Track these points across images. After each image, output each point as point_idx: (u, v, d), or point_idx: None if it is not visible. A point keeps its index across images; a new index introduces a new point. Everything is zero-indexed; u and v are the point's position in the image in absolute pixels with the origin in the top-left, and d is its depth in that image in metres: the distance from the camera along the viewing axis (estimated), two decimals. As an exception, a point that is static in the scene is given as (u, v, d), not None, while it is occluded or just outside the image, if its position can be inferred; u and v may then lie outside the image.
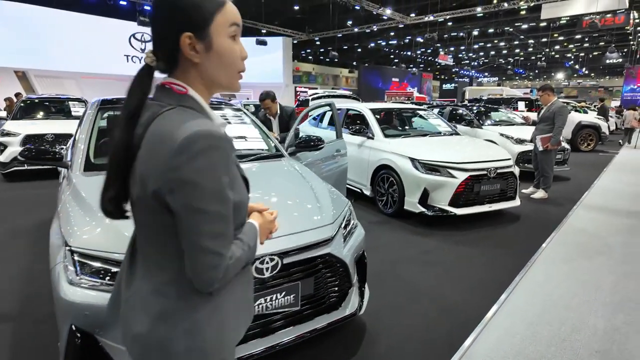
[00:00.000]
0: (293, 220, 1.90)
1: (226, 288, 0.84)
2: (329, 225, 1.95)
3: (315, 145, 3.14)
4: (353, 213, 2.34)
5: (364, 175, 4.97)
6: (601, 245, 3.72)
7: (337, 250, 1.93)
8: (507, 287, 2.81)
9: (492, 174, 4.17)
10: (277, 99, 3.93)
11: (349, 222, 2.22)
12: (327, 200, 2.15)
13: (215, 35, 0.80)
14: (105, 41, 18.42)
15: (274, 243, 1.72)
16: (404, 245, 3.71)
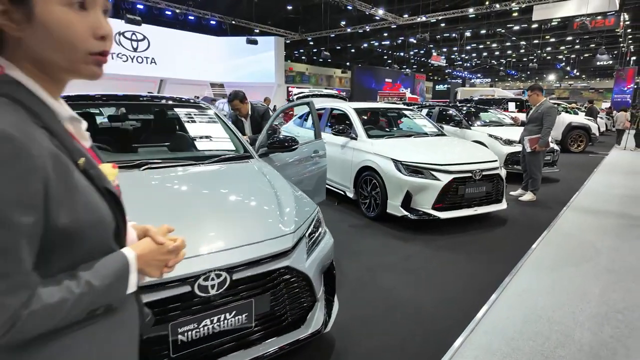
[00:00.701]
0: (246, 230, 1.72)
1: (57, 346, 0.62)
2: (289, 234, 1.76)
3: (289, 146, 2.96)
4: (322, 219, 2.16)
5: (347, 177, 4.80)
6: (588, 251, 3.59)
7: (298, 262, 1.74)
8: (489, 298, 2.65)
9: (477, 176, 4.02)
10: (247, 99, 3.73)
11: (316, 229, 2.04)
12: (291, 207, 1.97)
13: (40, 1, 0.60)
14: None
15: (221, 257, 1.54)
16: (384, 250, 3.54)
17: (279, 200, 1.99)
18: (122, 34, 19.46)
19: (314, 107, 3.68)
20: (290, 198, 2.06)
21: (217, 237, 1.63)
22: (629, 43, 28.00)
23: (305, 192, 3.57)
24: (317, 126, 3.68)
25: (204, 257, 1.51)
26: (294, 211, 1.94)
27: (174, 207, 1.78)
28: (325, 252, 1.99)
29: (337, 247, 3.62)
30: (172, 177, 2.11)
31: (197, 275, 1.46)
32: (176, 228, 1.63)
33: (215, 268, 1.49)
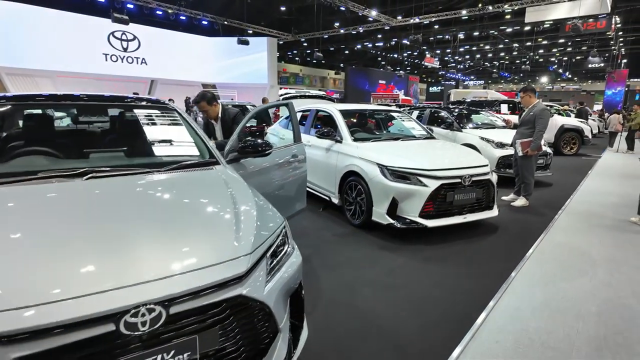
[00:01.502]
0: (190, 253, 1.47)
1: None
2: (243, 257, 1.52)
3: (262, 151, 2.71)
4: (289, 235, 1.92)
5: (332, 182, 4.57)
6: (584, 262, 3.38)
7: (254, 289, 1.50)
8: (476, 320, 2.42)
9: (466, 182, 3.81)
10: (217, 100, 3.47)
11: (281, 248, 1.80)
12: (251, 222, 1.72)
13: None
14: (82, 39, 17.81)
15: (155, 287, 1.29)
16: (367, 262, 3.31)
17: (238, 214, 1.74)
18: (112, 34, 19.14)
19: (293, 109, 3.45)
20: (252, 211, 1.82)
21: (152, 262, 1.38)
22: (620, 46, 28.18)
23: (285, 200, 3.35)
24: (296, 129, 3.44)
25: (133, 288, 1.26)
26: (253, 227, 1.69)
27: (106, 225, 1.52)
28: (291, 273, 1.75)
29: (316, 258, 3.44)
30: (117, 187, 1.86)
31: (122, 311, 1.21)
32: (103, 251, 1.40)
33: (147, 301, 1.24)
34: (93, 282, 1.25)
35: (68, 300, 1.18)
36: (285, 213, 3.29)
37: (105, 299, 1.21)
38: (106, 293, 1.22)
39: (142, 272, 1.32)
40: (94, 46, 18.42)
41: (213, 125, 3.50)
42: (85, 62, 17.96)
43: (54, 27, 16.90)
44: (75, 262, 1.32)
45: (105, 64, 18.90)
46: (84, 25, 17.76)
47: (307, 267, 3.20)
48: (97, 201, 1.73)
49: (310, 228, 4.20)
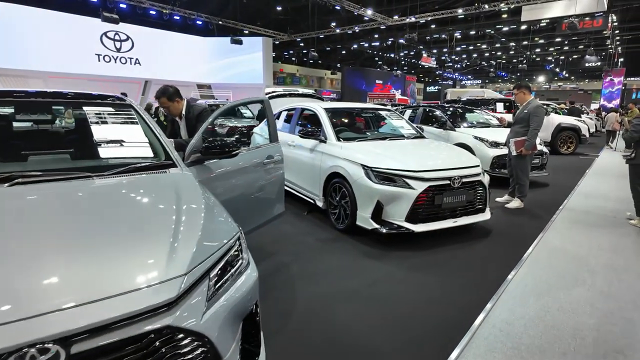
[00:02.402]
0: (105, 276, 1.22)
1: None
2: (174, 279, 1.27)
3: (229, 152, 2.47)
4: (244, 249, 1.68)
5: (316, 184, 4.33)
6: (581, 270, 3.15)
7: (188, 317, 1.25)
8: (463, 336, 2.19)
9: (456, 184, 3.57)
10: (181, 96, 3.22)
11: (232, 264, 1.56)
12: (192, 236, 1.48)
13: None
14: (75, 39, 17.59)
15: (52, 321, 1.05)
16: (348, 271, 3.07)
17: (178, 227, 1.50)
18: (104, 34, 18.90)
19: (269, 106, 3.21)
20: (197, 223, 1.58)
21: (54, 289, 1.14)
22: (617, 44, 28.06)
23: (260, 204, 3.11)
24: (272, 128, 3.20)
25: (22, 323, 1.02)
26: (195, 242, 1.45)
27: (9, 242, 1.28)
28: (244, 293, 1.51)
29: (295, 267, 3.12)
30: (42, 196, 1.62)
31: (6, 352, 0.97)
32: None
33: (39, 339, 1.00)
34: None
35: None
36: (260, 219, 3.07)
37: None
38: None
39: (39, 302, 1.08)
40: (86, 46, 18.20)
41: (178, 123, 3.25)
42: (78, 62, 17.74)
43: (45, 28, 16.70)
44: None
45: (98, 65, 18.69)
46: (76, 25, 17.56)
47: (283, 276, 2.96)
48: (12, 212, 1.49)
49: (292, 233, 3.96)
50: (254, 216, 2.95)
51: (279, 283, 2.83)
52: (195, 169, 2.44)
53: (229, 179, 2.67)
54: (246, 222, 2.86)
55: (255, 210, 2.95)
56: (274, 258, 3.30)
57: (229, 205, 2.65)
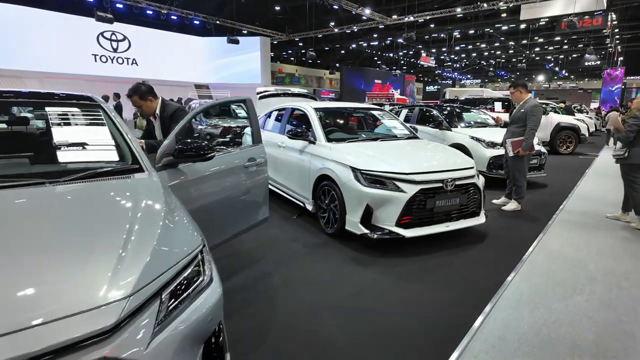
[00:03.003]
0: (29, 300, 1.07)
1: None
2: (114, 302, 1.12)
3: (204, 155, 2.32)
4: (206, 263, 1.52)
5: (306, 187, 4.18)
6: (580, 277, 3.00)
7: (131, 346, 1.10)
8: (451, 355, 2.03)
9: (449, 187, 3.42)
10: (155, 94, 3.05)
11: (192, 280, 1.40)
12: (144, 250, 1.33)
13: None
14: (71, 40, 17.50)
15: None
16: (334, 279, 2.91)
17: (129, 240, 1.35)
18: (101, 34, 18.79)
19: (251, 106, 3.06)
20: (152, 235, 1.42)
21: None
22: (617, 43, 27.90)
23: (241, 210, 2.94)
24: (255, 129, 3.05)
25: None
26: (145, 257, 1.29)
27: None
28: (204, 313, 1.36)
29: (279, 275, 2.92)
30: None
31: None
32: None
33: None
34: None
35: None
36: (242, 225, 2.91)
37: None
38: None
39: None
40: (82, 47, 18.12)
41: (153, 124, 3.09)
42: (74, 63, 17.66)
43: (41, 28, 16.63)
44: None
45: (95, 65, 18.62)
46: (72, 25, 17.48)
47: (265, 285, 2.81)
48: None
49: (280, 238, 3.81)
50: (234, 222, 2.80)
51: (259, 294, 2.68)
52: (167, 173, 2.30)
53: (205, 183, 2.52)
54: (226, 229, 2.72)
55: (236, 216, 2.80)
56: (258, 266, 3.15)
57: (206, 212, 2.53)
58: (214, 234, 2.63)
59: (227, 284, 2.78)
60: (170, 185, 2.26)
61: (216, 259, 3.24)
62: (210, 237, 2.62)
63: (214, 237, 2.64)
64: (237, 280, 2.85)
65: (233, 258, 3.30)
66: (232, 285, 2.78)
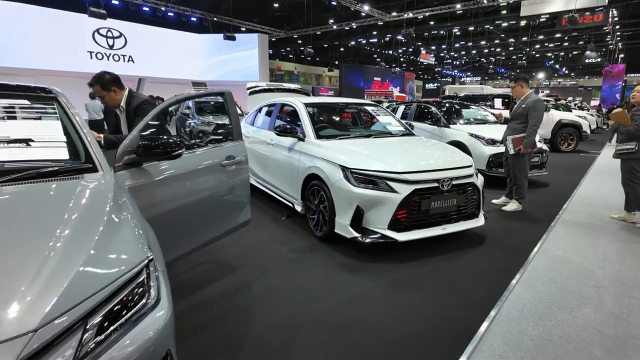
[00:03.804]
0: None
1: None
2: (13, 340, 0.88)
3: (170, 152, 2.08)
4: (153, 279, 1.28)
5: (295, 187, 3.94)
6: (586, 285, 2.77)
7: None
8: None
9: (445, 187, 3.18)
10: (121, 85, 2.79)
11: (132, 302, 1.17)
12: (66, 268, 1.09)
13: None
14: (66, 36, 17.24)
15: None
16: (321, 289, 2.68)
17: (51, 256, 1.11)
18: (97, 31, 18.51)
19: (230, 100, 2.82)
20: (82, 249, 1.18)
21: None
22: (617, 40, 27.64)
23: (218, 213, 2.66)
24: (234, 124, 2.81)
25: None
26: (66, 278, 1.06)
27: None
28: (145, 341, 1.12)
29: (260, 283, 2.66)
30: None
31: None
32: None
33: None
34: None
35: None
36: (219, 229, 2.67)
37: None
38: None
39: None
40: (78, 44, 17.86)
41: (120, 117, 2.85)
42: (69, 60, 17.41)
43: (36, 24, 16.36)
44: None
45: (90, 62, 18.34)
46: (67, 22, 17.23)
47: (243, 296, 2.58)
48: None
49: (265, 242, 3.58)
50: (210, 226, 2.56)
51: (236, 306, 2.45)
52: (129, 173, 2.06)
53: (175, 184, 2.28)
54: (200, 234, 2.49)
55: (212, 219, 2.56)
56: (238, 273, 2.91)
57: (176, 216, 2.29)
58: (186, 239, 2.40)
59: (201, 296, 2.55)
60: (132, 186, 2.03)
61: (192, 265, 3.05)
62: (181, 243, 2.39)
63: (186, 243, 2.41)
64: (212, 291, 2.62)
65: (211, 265, 3.07)
66: (206, 296, 2.55)
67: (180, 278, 2.83)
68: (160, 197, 2.20)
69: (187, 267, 2.99)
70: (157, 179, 2.18)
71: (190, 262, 3.04)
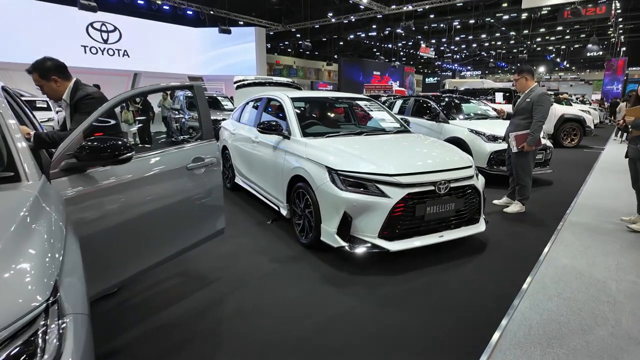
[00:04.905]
0: None
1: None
2: None
3: (118, 155, 1.77)
4: (52, 331, 0.98)
5: (280, 189, 3.64)
6: (599, 301, 2.47)
7: None
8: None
9: (442, 190, 2.88)
10: (65, 74, 2.45)
11: (35, 340, 0.87)
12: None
13: None
14: (59, 31, 16.87)
15: None
16: (300, 307, 2.38)
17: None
18: (90, 25, 18.12)
19: (200, 94, 2.51)
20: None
21: None
22: (620, 33, 27.18)
23: (183, 224, 2.30)
24: (205, 122, 2.50)
25: None
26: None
27: None
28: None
29: (231, 302, 2.35)
30: None
31: None
32: None
33: None
34: None
35: None
36: (186, 241, 2.32)
37: None
38: None
39: None
40: (71, 38, 17.48)
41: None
42: (63, 54, 16.59)
43: (28, 18, 15.98)
44: None
45: (84, 57, 17.97)
46: (60, 16, 16.84)
47: (213, 315, 2.28)
48: None
49: (247, 249, 3.28)
50: (174, 239, 2.25)
51: (204, 329, 2.15)
52: (70, 180, 1.75)
53: (129, 191, 1.97)
54: (161, 249, 2.19)
55: (175, 231, 2.26)
56: (210, 289, 2.61)
57: (129, 230, 1.96)
58: (144, 255, 2.10)
59: (166, 316, 2.25)
60: (73, 197, 1.73)
61: (161, 279, 2.72)
62: (137, 260, 2.07)
63: (144, 259, 2.11)
64: (179, 310, 2.32)
65: (182, 278, 2.77)
66: (173, 316, 2.25)
67: (145, 295, 2.53)
68: (110, 208, 1.90)
69: (155, 280, 2.70)
70: (106, 186, 1.88)
71: (159, 275, 2.74)
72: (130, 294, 2.53)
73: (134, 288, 2.59)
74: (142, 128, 9.36)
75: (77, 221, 1.70)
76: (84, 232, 1.70)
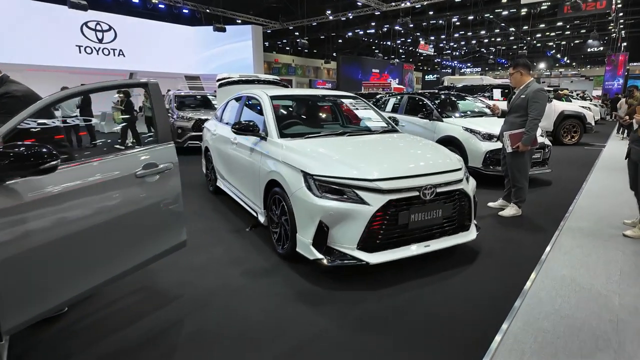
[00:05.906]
0: None
1: None
2: None
3: (40, 164, 1.52)
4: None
5: (257, 194, 3.39)
6: (600, 320, 2.22)
7: None
8: None
9: (428, 195, 2.62)
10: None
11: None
12: None
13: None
14: (54, 30, 16.68)
15: None
16: (267, 329, 2.13)
17: None
18: (85, 24, 17.90)
19: (156, 93, 2.26)
20: None
21: None
22: (620, 28, 26.83)
23: (136, 240, 2.03)
24: (160, 123, 2.24)
25: None
26: None
27: None
28: None
29: (189, 325, 2.11)
30: None
31: None
32: None
33: None
34: None
35: None
36: (136, 258, 2.03)
37: None
38: None
39: None
40: (66, 38, 17.29)
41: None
42: (57, 54, 16.88)
43: (22, 18, 15.75)
44: None
45: (79, 57, 17.80)
46: (54, 15, 16.62)
47: (169, 341, 2.03)
48: None
49: (218, 260, 3.04)
50: (123, 256, 2.01)
51: (156, 357, 1.91)
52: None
53: (62, 204, 1.73)
54: (107, 267, 1.94)
55: (124, 247, 2.01)
56: (170, 309, 2.36)
57: (63, 248, 1.71)
58: (87, 274, 1.86)
59: (116, 342, 2.00)
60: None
61: (118, 297, 2.39)
62: (73, 283, 1.81)
63: (88, 279, 1.87)
64: (130, 335, 2.07)
65: (142, 295, 2.52)
66: (124, 342, 2.01)
67: (98, 315, 2.29)
68: (37, 225, 1.65)
69: (114, 297, 2.46)
70: (32, 200, 1.63)
71: (119, 290, 2.50)
72: (83, 313, 2.30)
73: (87, 307, 2.34)
74: (127, 127, 9.09)
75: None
76: (7, 252, 1.48)
